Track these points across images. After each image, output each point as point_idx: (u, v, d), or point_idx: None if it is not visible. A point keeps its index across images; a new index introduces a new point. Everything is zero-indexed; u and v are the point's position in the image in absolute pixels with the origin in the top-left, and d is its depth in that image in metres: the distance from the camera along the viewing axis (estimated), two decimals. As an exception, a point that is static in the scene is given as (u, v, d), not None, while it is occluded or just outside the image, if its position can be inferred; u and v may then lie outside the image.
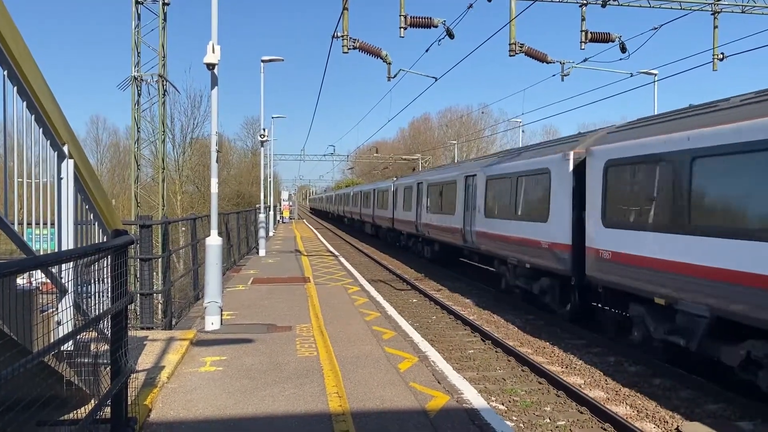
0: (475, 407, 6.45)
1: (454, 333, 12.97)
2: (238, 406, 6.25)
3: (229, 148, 65.58)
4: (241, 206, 45.18)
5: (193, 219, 13.77)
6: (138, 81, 22.11)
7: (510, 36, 15.95)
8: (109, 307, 4.47)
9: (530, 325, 13.60)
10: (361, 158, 79.53)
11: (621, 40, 16.97)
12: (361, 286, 15.57)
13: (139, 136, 23.05)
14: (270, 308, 12.07)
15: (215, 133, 10.45)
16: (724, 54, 18.02)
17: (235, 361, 8.02)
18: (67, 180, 4.92)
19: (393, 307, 13.36)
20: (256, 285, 15.52)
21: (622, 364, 10.39)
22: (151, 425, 5.68)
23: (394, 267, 24.68)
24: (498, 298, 16.79)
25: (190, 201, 45.44)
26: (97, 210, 5.61)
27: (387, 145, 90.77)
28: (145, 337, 8.68)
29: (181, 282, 14.17)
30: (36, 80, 4.24)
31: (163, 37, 21.97)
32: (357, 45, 15.48)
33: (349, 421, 5.83)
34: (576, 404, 8.32)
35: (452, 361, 10.00)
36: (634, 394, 8.81)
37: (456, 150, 62.35)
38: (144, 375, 6.95)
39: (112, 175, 71.30)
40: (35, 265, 3.20)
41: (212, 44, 9.95)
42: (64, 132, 4.79)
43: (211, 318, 9.98)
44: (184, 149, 46.32)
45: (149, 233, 9.72)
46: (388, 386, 6.94)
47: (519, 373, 9.94)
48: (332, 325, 10.41)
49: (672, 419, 7.82)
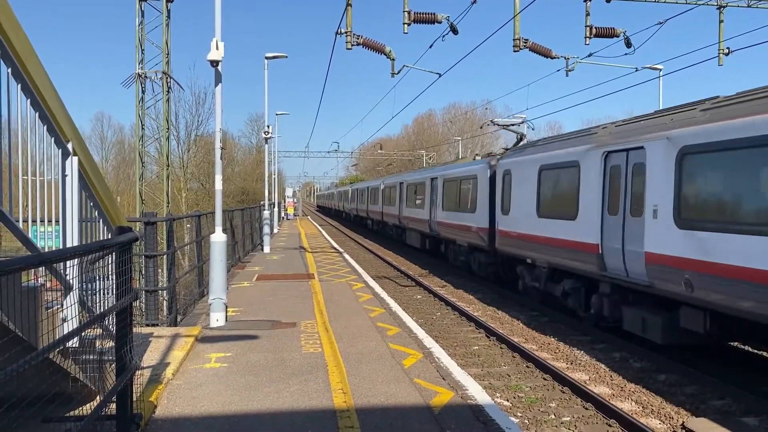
0: (480, 403, 6.44)
1: (458, 329, 12.96)
2: (242, 402, 6.26)
3: (234, 145, 65.59)
4: (245, 203, 45.19)
5: (197, 216, 13.80)
6: (142, 78, 22.13)
7: (514, 31, 15.90)
8: (114, 303, 4.48)
9: (535, 321, 13.58)
10: (365, 155, 79.51)
11: (626, 35, 16.89)
12: (366, 283, 15.57)
13: (143, 133, 23.09)
14: (274, 305, 12.08)
15: (219, 129, 10.47)
16: (729, 49, 17.91)
17: (240, 357, 8.03)
18: (71, 177, 4.93)
19: (397, 303, 13.36)
20: (261, 282, 15.55)
21: (627, 360, 10.36)
22: (156, 421, 5.70)
23: (398, 263, 24.69)
24: (503, 295, 16.77)
25: (195, 198, 45.50)
26: (102, 207, 5.61)
27: (391, 141, 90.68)
28: (150, 334, 8.71)
29: (185, 279, 14.21)
30: (40, 77, 4.24)
31: (167, 34, 21.98)
32: (361, 41, 15.46)
33: (354, 417, 5.84)
34: (581, 400, 8.31)
35: (457, 357, 9.99)
36: (640, 390, 8.79)
37: (460, 146, 62.25)
38: (149, 371, 6.97)
39: (117, 172, 71.45)
40: (39, 262, 3.21)
41: (216, 41, 9.96)
42: (68, 129, 4.80)
43: (215, 315, 10.01)
44: (189, 146, 46.36)
45: (154, 230, 9.74)
46: (393, 382, 6.94)
47: (524, 369, 9.93)
48: (337, 321, 10.42)
49: (677, 415, 7.80)
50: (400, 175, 35.52)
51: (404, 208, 29.73)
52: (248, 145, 73.94)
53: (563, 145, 13.16)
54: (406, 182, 29.90)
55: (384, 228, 38.19)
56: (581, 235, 11.69)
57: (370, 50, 15.95)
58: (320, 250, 25.70)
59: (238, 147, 69.81)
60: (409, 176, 30.49)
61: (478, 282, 19.06)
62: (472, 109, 77.92)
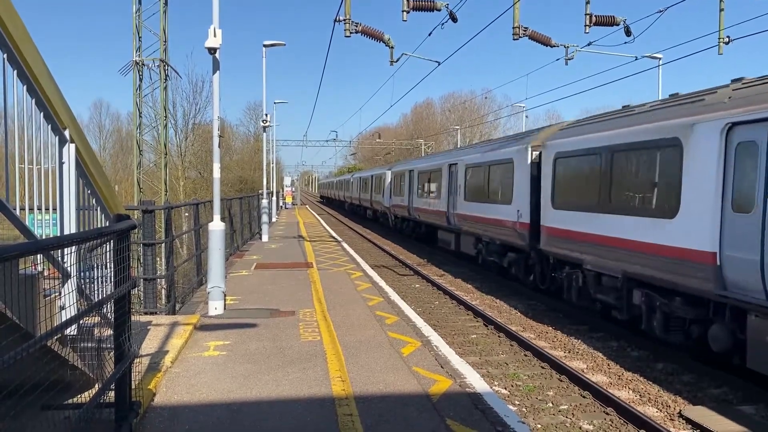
0: (478, 391, 6.46)
1: (456, 318, 12.99)
2: (241, 390, 6.27)
3: (232, 133, 65.47)
4: (244, 192, 45.15)
5: (195, 204, 13.77)
6: (139, 66, 22.02)
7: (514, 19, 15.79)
8: (112, 291, 4.47)
9: (533, 310, 13.61)
10: (364, 144, 79.35)
11: (626, 24, 16.79)
12: (364, 272, 15.58)
13: (141, 121, 23.00)
14: (273, 293, 12.09)
15: (217, 117, 10.42)
16: (729, 37, 17.81)
17: (239, 345, 8.04)
18: (68, 164, 4.90)
19: (396, 292, 13.38)
20: (260, 270, 15.55)
21: (624, 348, 10.40)
22: (155, 409, 5.71)
23: (397, 252, 24.70)
24: (501, 284, 16.79)
25: (193, 186, 45.41)
26: (99, 195, 5.59)
27: (390, 130, 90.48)
28: (148, 322, 8.71)
29: (184, 267, 14.21)
30: (36, 64, 4.21)
31: (164, 21, 21.84)
32: (359, 29, 15.35)
33: (353, 405, 5.85)
34: (579, 389, 8.34)
35: (455, 346, 10.02)
36: (637, 379, 8.82)
37: (459, 135, 62.15)
38: (148, 359, 6.97)
39: (115, 161, 71.21)
40: (36, 250, 3.19)
41: (213, 28, 9.90)
42: (65, 116, 4.76)
43: (214, 303, 10.01)
44: (187, 134, 46.25)
45: (152, 218, 9.72)
46: (391, 371, 6.95)
47: (522, 358, 9.96)
48: (335, 310, 10.43)
49: (674, 403, 7.83)
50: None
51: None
52: (246, 133, 73.84)
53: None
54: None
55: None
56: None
57: (369, 38, 15.84)
58: (319, 239, 25.69)
59: (236, 136, 69.70)
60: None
61: (476, 272, 19.08)
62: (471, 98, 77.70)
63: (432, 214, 23.80)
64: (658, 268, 9.32)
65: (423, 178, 25.67)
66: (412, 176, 27.47)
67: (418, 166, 27.19)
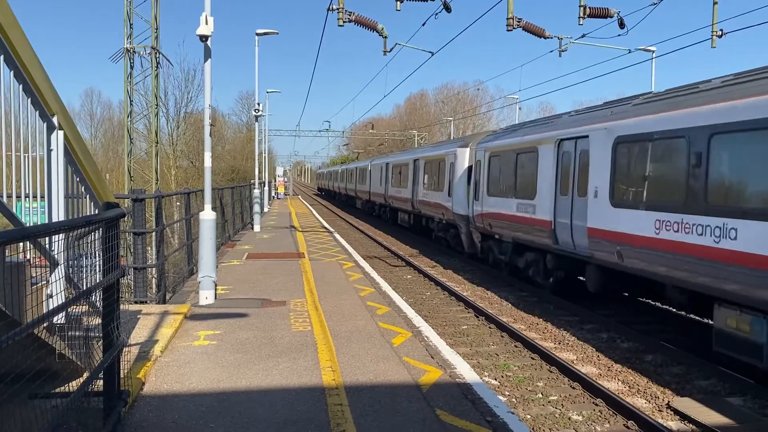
0: (468, 382, 6.48)
1: (447, 309, 13.01)
2: (231, 379, 6.26)
3: (224, 122, 65.00)
4: (235, 181, 44.93)
5: (187, 193, 13.70)
6: (131, 53, 21.83)
7: (508, 10, 15.73)
8: (101, 280, 4.44)
9: (524, 301, 13.65)
10: (357, 135, 79.16)
11: (620, 16, 16.76)
12: (356, 262, 15.57)
13: (132, 109, 22.83)
14: (264, 283, 12.06)
15: (209, 106, 10.35)
16: (723, 31, 17.83)
17: (229, 335, 8.02)
18: (56, 152, 4.84)
19: (387, 282, 13.38)
20: (251, 260, 15.51)
21: (614, 340, 10.45)
22: (144, 398, 5.69)
23: (389, 243, 24.70)
24: (493, 275, 16.83)
25: (185, 176, 45.15)
26: (88, 183, 5.54)
27: (383, 121, 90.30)
28: (138, 311, 8.67)
29: (175, 257, 14.14)
30: (23, 49, 4.15)
31: (155, 9, 21.65)
32: (352, 18, 15.26)
33: (343, 394, 5.85)
34: (568, 380, 8.38)
35: (446, 337, 10.04)
36: (626, 370, 8.87)
37: (452, 126, 62.09)
38: (137, 348, 6.95)
39: (106, 150, 70.62)
40: (22, 237, 3.15)
41: (205, 16, 9.82)
42: (53, 103, 4.70)
43: (205, 292, 9.98)
44: (178, 123, 45.93)
45: (142, 207, 9.66)
46: (382, 361, 6.96)
47: (512, 349, 9.99)
48: (326, 300, 10.42)
49: (663, 395, 7.89)
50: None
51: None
52: (238, 123, 73.40)
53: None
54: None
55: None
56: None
57: (363, 27, 15.75)
58: (311, 229, 25.65)
59: (228, 125, 69.25)
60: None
61: (467, 263, 19.12)
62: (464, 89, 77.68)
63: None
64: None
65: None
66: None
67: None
